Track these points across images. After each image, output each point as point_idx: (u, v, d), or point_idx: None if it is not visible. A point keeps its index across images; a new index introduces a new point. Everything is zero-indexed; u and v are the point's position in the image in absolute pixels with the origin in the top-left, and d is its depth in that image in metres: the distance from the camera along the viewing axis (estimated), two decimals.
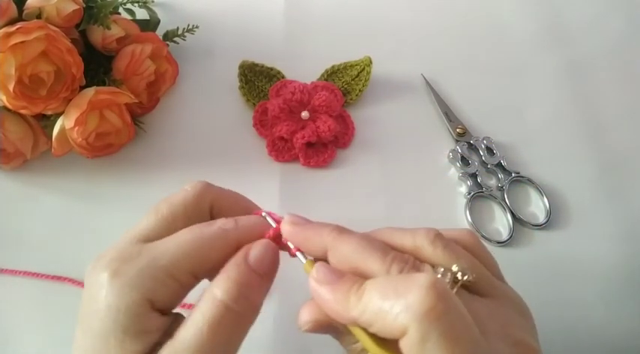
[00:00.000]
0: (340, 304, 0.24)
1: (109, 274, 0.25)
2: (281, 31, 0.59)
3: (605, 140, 0.53)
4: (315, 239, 0.27)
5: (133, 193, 0.48)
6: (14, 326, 0.42)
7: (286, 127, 0.49)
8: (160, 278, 0.25)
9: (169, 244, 0.26)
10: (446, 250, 0.27)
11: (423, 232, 0.27)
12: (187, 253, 0.26)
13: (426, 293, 0.22)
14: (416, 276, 0.23)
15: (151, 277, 0.25)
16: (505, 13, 0.61)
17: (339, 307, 0.24)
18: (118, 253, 0.26)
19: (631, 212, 0.49)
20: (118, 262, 0.25)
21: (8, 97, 0.41)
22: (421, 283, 0.22)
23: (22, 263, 0.44)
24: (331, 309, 0.25)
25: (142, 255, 0.26)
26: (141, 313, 0.24)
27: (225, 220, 0.28)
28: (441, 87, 0.55)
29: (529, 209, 0.49)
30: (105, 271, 0.25)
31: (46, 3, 0.42)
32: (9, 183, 0.48)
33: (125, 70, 0.46)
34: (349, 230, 0.28)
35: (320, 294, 0.25)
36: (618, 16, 0.62)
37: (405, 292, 0.22)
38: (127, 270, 0.25)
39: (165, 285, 0.25)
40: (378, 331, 0.23)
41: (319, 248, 0.27)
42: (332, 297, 0.25)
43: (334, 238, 0.27)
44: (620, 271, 0.46)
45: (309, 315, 0.26)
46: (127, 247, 0.26)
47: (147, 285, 0.25)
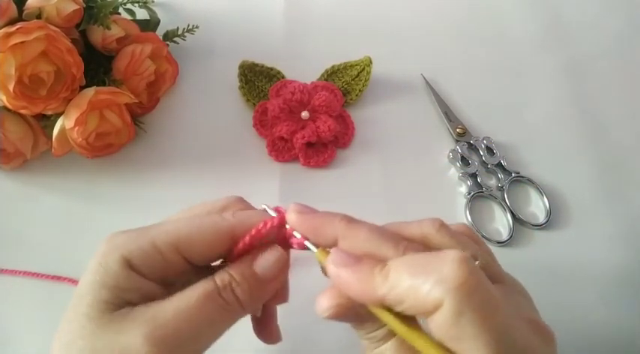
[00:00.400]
0: (366, 284, 0.24)
1: (106, 240, 0.27)
2: (281, 31, 0.59)
3: (605, 140, 0.53)
4: (324, 228, 0.27)
5: (133, 193, 0.48)
6: (14, 326, 0.42)
7: (286, 127, 0.49)
8: (142, 245, 0.26)
9: (168, 222, 0.28)
10: (453, 237, 0.27)
11: (429, 221, 0.28)
12: (177, 230, 0.27)
13: (459, 267, 0.22)
14: (446, 251, 0.23)
15: (134, 243, 0.26)
16: (505, 13, 0.61)
17: (365, 287, 0.24)
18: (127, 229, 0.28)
19: (631, 212, 0.49)
20: (120, 232, 0.27)
21: (8, 97, 0.41)
22: (453, 257, 0.22)
23: (22, 263, 0.44)
24: (356, 290, 0.25)
25: (142, 228, 0.27)
26: (119, 271, 0.26)
27: (230, 210, 0.29)
28: (441, 87, 0.55)
29: (529, 209, 0.49)
30: (105, 239, 0.27)
31: (46, 3, 0.42)
32: (9, 183, 0.48)
33: (125, 70, 0.46)
34: (358, 219, 0.28)
35: (342, 277, 0.25)
36: (618, 16, 0.62)
37: (436, 266, 0.22)
38: (119, 236, 0.27)
39: (146, 252, 0.26)
40: (409, 307, 0.23)
41: (329, 237, 0.27)
42: (356, 278, 0.25)
43: (345, 226, 0.27)
44: (620, 271, 0.46)
45: (330, 300, 0.26)
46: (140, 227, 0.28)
47: (129, 248, 0.26)
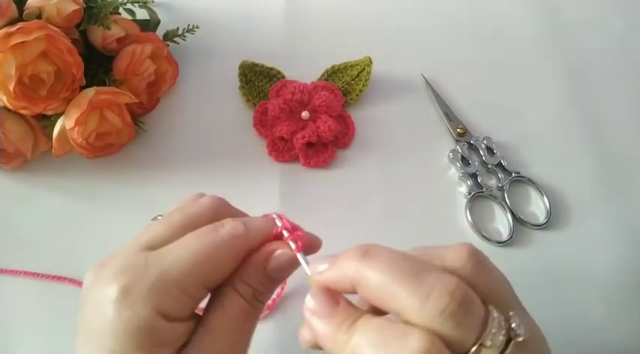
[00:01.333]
0: (329, 340, 0.24)
1: (120, 290, 0.24)
2: (281, 31, 0.59)
3: (605, 140, 0.53)
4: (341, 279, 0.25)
5: (133, 193, 0.48)
6: (14, 326, 0.42)
7: (286, 127, 0.49)
8: (172, 293, 0.24)
9: (178, 254, 0.25)
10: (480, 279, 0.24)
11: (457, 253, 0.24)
12: (198, 265, 0.25)
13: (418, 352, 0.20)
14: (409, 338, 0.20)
15: (163, 292, 0.24)
16: (505, 13, 0.61)
17: (329, 341, 0.24)
18: (123, 264, 0.25)
19: (631, 212, 0.49)
20: (127, 275, 0.24)
21: (8, 97, 0.41)
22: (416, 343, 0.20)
23: (22, 263, 0.44)
24: (321, 339, 0.24)
25: (151, 267, 0.25)
26: (155, 329, 0.24)
27: (232, 222, 0.27)
28: (441, 87, 0.55)
29: (529, 209, 0.49)
30: (112, 285, 0.24)
31: (46, 3, 0.42)
32: (9, 183, 0.48)
33: (125, 70, 0.46)
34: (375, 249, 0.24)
35: (312, 324, 0.25)
36: (618, 16, 0.62)
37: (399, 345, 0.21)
38: (138, 285, 0.24)
39: (178, 299, 0.25)
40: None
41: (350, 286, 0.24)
42: (322, 331, 0.24)
43: (356, 267, 0.23)
44: (620, 271, 0.46)
45: (309, 334, 0.26)
46: (131, 256, 0.25)
47: (159, 300, 0.24)
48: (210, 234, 0.26)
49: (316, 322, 0.24)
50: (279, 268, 0.28)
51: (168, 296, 0.24)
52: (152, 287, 0.24)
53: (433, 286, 0.21)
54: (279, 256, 0.28)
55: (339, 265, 0.25)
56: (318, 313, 0.25)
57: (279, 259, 0.28)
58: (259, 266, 0.27)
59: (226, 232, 0.26)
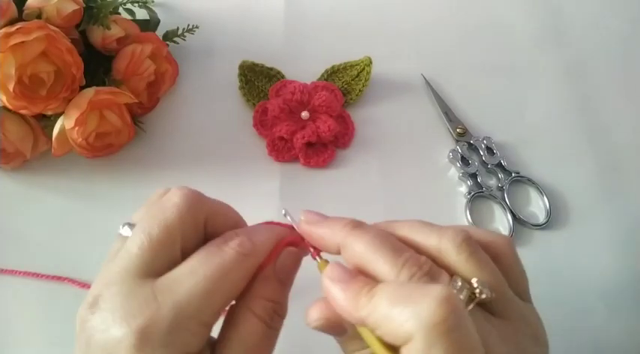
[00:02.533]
0: (350, 303, 0.24)
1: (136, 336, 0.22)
2: (281, 31, 0.59)
3: (605, 140, 0.53)
4: (329, 237, 0.27)
5: (133, 193, 0.48)
6: (14, 326, 0.42)
7: (286, 127, 0.49)
8: (192, 330, 0.23)
9: (190, 285, 0.23)
10: (470, 258, 0.25)
11: (451, 234, 0.26)
12: (212, 294, 0.24)
13: (438, 305, 0.21)
14: (431, 286, 0.22)
15: (184, 332, 0.23)
16: (505, 13, 0.61)
17: (349, 306, 0.24)
18: (128, 301, 0.23)
19: (631, 212, 0.49)
20: (139, 317, 0.22)
21: (8, 97, 0.41)
22: (435, 294, 0.21)
23: (22, 263, 0.44)
24: (341, 307, 0.25)
25: (162, 303, 0.23)
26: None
27: (238, 238, 0.26)
28: (441, 87, 0.55)
29: (529, 209, 0.49)
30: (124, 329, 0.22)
31: (46, 3, 0.42)
32: (9, 183, 0.48)
33: (125, 70, 0.46)
34: (365, 225, 0.27)
35: (332, 292, 0.25)
36: (618, 16, 0.62)
37: (416, 300, 0.21)
38: (155, 327, 0.22)
39: (197, 334, 0.24)
40: (383, 334, 0.23)
41: (334, 246, 0.27)
42: (343, 295, 0.24)
43: (346, 234, 0.26)
44: (620, 271, 0.46)
45: (319, 313, 0.26)
46: (134, 291, 0.23)
47: (180, 340, 0.23)
48: (218, 255, 0.25)
49: (337, 289, 0.25)
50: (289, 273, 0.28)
51: (189, 334, 0.23)
52: (171, 328, 0.22)
53: (406, 259, 0.24)
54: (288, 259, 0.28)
55: (330, 226, 0.27)
56: (340, 279, 0.25)
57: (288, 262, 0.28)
58: (270, 275, 0.27)
59: (234, 252, 0.25)
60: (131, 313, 0.22)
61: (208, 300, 0.24)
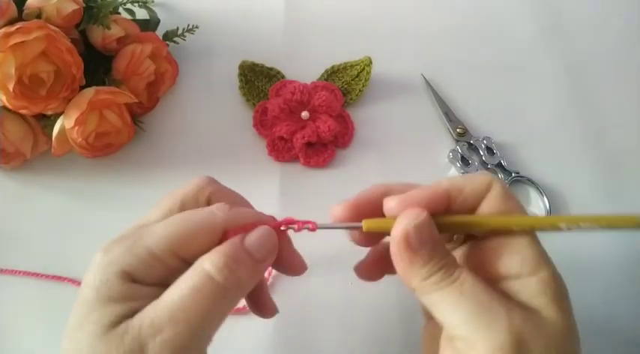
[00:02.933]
0: (433, 186, 0.29)
1: (101, 253, 0.27)
2: (281, 31, 0.59)
3: (605, 140, 0.53)
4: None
5: (133, 193, 0.48)
6: (14, 326, 0.42)
7: (286, 127, 0.49)
8: (140, 256, 0.26)
9: (157, 226, 0.27)
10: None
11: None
12: (171, 234, 0.26)
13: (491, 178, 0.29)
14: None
15: (131, 254, 0.26)
16: (505, 13, 0.61)
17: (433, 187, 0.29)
18: (117, 236, 0.28)
19: (631, 212, 0.49)
20: (112, 242, 0.27)
21: (8, 97, 0.41)
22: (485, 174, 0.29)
23: (21, 263, 0.44)
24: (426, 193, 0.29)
25: (133, 236, 0.27)
26: (119, 284, 0.25)
27: (220, 204, 0.28)
28: (441, 87, 0.55)
29: (529, 209, 0.49)
30: (99, 251, 0.27)
31: (46, 3, 0.42)
32: (9, 183, 0.48)
33: (125, 70, 0.46)
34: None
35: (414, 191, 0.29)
36: (618, 16, 0.62)
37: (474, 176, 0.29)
38: (115, 248, 0.27)
39: (145, 262, 0.26)
40: (470, 191, 0.28)
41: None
42: (426, 188, 0.29)
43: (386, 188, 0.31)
44: (620, 271, 0.46)
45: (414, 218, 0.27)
46: (125, 231, 0.28)
47: (127, 261, 0.26)
48: (192, 211, 0.28)
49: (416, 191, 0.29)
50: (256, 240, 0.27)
51: (136, 258, 0.26)
52: (124, 250, 0.26)
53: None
54: (257, 229, 0.27)
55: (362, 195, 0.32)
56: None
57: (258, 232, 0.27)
58: (236, 238, 0.27)
59: (207, 209, 0.28)
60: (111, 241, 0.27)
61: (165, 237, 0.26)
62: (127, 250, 0.26)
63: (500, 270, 0.27)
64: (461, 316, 0.25)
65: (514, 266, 0.27)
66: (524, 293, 0.26)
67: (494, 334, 0.24)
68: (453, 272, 0.26)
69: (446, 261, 0.27)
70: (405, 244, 0.26)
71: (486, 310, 0.25)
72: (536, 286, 0.26)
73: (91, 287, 0.26)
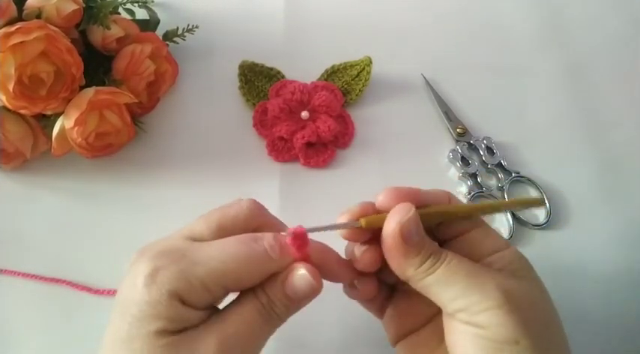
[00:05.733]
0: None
1: (151, 269, 0.26)
2: (281, 31, 0.59)
3: (605, 140, 0.53)
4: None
5: (133, 193, 0.48)
6: (14, 327, 0.42)
7: (286, 127, 0.49)
8: (194, 285, 0.26)
9: (213, 254, 0.28)
10: None
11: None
12: (226, 269, 0.27)
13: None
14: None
15: (185, 283, 0.26)
16: (505, 13, 0.61)
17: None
18: (165, 248, 0.28)
19: (631, 212, 0.49)
20: (162, 257, 0.27)
21: (8, 97, 0.41)
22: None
23: (22, 263, 0.44)
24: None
25: (186, 257, 0.27)
26: (173, 306, 0.26)
27: (272, 239, 0.29)
28: (441, 87, 0.55)
29: (529, 209, 0.49)
30: (148, 264, 0.27)
31: (46, 3, 0.42)
32: (9, 183, 0.48)
33: (125, 70, 0.46)
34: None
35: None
36: (618, 16, 0.62)
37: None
38: (167, 269, 0.26)
39: (197, 292, 0.27)
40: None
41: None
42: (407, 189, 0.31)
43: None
44: (621, 271, 0.46)
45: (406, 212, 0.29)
46: (174, 243, 0.28)
47: (180, 287, 0.26)
48: (249, 245, 0.28)
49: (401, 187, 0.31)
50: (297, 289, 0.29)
51: (189, 287, 0.26)
52: (178, 275, 0.26)
53: None
54: (298, 278, 0.29)
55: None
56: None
57: (297, 281, 0.29)
58: (278, 283, 0.29)
59: (263, 249, 0.28)
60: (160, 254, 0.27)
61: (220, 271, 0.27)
62: (179, 274, 0.26)
63: (481, 250, 0.31)
64: (456, 289, 0.28)
65: (491, 245, 0.31)
66: (502, 262, 0.30)
67: (486, 293, 0.27)
68: (440, 255, 0.29)
69: (433, 248, 0.30)
70: (400, 237, 0.29)
71: (475, 277, 0.28)
72: (510, 256, 0.30)
73: (141, 303, 0.26)
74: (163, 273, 0.26)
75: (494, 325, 0.27)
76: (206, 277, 0.27)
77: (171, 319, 0.26)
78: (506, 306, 0.27)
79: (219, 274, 0.27)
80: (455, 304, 0.28)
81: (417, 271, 0.29)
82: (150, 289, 0.26)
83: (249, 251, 0.28)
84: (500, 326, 0.27)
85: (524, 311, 0.27)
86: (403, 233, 0.29)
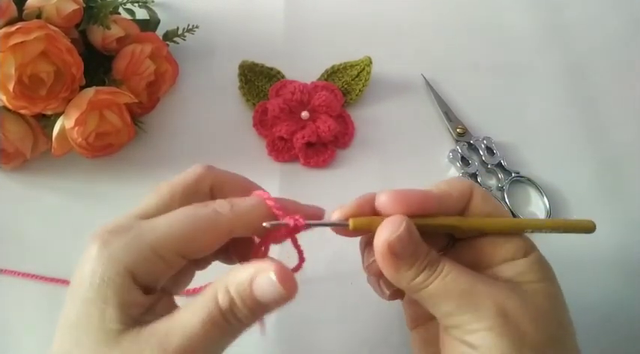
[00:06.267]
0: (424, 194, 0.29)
1: (99, 244, 0.25)
2: (281, 31, 0.59)
3: (605, 140, 0.53)
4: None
5: (133, 193, 0.47)
6: (14, 327, 0.42)
7: (286, 127, 0.49)
8: (144, 253, 0.25)
9: (161, 222, 0.26)
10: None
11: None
12: (175, 233, 0.26)
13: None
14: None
15: (135, 251, 0.25)
16: (505, 13, 0.61)
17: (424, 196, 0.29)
18: (113, 226, 0.27)
19: (631, 212, 0.49)
20: (110, 233, 0.26)
21: (8, 97, 0.41)
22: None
23: (22, 263, 0.44)
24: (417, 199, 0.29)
25: (133, 229, 0.26)
26: (123, 285, 0.25)
27: (222, 201, 0.28)
28: (441, 87, 0.55)
29: (529, 209, 0.49)
30: (96, 242, 0.26)
31: (46, 3, 0.42)
32: (9, 183, 0.48)
33: (125, 70, 0.46)
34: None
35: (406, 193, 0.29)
36: (618, 16, 0.62)
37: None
38: (115, 242, 0.25)
39: (149, 261, 0.25)
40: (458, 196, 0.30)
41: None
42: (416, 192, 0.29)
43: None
44: (621, 271, 0.46)
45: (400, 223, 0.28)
46: (123, 221, 0.27)
47: (130, 258, 0.25)
48: (196, 208, 0.27)
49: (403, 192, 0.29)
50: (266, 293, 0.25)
51: (140, 256, 0.25)
52: (127, 245, 0.25)
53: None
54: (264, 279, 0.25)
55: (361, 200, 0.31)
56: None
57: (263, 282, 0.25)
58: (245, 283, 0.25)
59: (211, 208, 0.27)
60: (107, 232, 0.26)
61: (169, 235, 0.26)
62: (128, 246, 0.25)
63: (492, 258, 0.29)
64: (450, 306, 0.27)
65: (504, 253, 0.29)
66: (512, 272, 0.29)
67: (480, 312, 0.26)
68: (437, 267, 0.28)
69: (429, 259, 0.28)
70: (389, 253, 0.27)
71: (470, 293, 0.27)
72: (523, 265, 0.29)
73: (90, 284, 0.24)
74: (110, 247, 0.25)
75: (486, 346, 0.26)
76: (156, 243, 0.25)
77: (121, 305, 0.24)
78: (500, 328, 0.26)
79: (171, 238, 0.26)
80: (448, 321, 0.27)
81: (412, 284, 0.28)
82: (97, 267, 0.24)
83: (197, 214, 0.27)
84: (493, 348, 0.26)
85: (524, 329, 0.26)
86: (392, 249, 0.27)
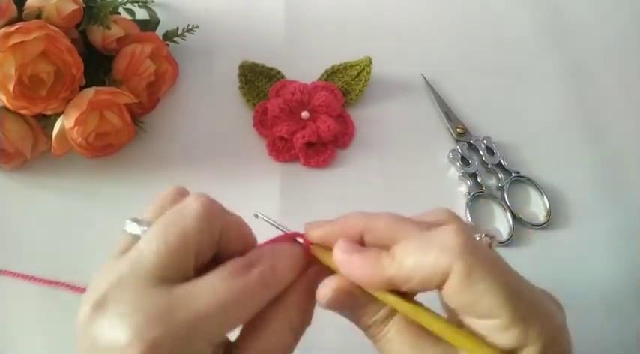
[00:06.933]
0: (374, 267, 0.25)
1: (145, 346, 0.21)
2: (281, 31, 0.59)
3: (605, 140, 0.53)
4: (348, 231, 0.27)
5: (133, 193, 0.48)
6: (14, 327, 0.42)
7: (286, 127, 0.49)
8: (201, 348, 0.23)
9: (208, 302, 0.23)
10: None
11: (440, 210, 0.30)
12: (229, 316, 0.23)
13: (456, 232, 0.24)
14: (442, 227, 0.25)
15: (193, 348, 0.22)
16: (505, 13, 0.61)
17: (373, 270, 0.25)
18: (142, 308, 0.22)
19: (631, 212, 0.49)
20: (153, 327, 0.21)
21: (8, 97, 0.41)
22: (449, 228, 0.24)
23: (21, 263, 0.44)
24: (362, 274, 0.25)
25: (178, 317, 0.22)
26: None
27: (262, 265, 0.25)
28: (441, 87, 0.55)
29: (529, 209, 0.49)
30: (135, 337, 0.21)
31: (46, 3, 0.42)
32: (9, 183, 0.48)
33: (125, 70, 0.46)
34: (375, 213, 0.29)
35: (350, 261, 0.26)
36: (618, 16, 0.62)
37: (437, 239, 0.24)
38: (166, 340, 0.21)
39: (203, 352, 0.23)
40: (419, 282, 0.24)
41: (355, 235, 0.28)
42: (364, 262, 0.25)
43: (366, 220, 0.27)
44: (620, 271, 0.46)
45: (333, 284, 0.26)
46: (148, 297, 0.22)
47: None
48: (241, 279, 0.24)
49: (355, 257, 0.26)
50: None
51: (196, 351, 0.23)
52: (182, 344, 0.22)
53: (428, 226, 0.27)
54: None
55: (343, 221, 0.28)
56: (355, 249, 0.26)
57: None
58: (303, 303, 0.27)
59: (257, 280, 0.24)
60: (144, 322, 0.21)
61: (224, 321, 0.23)
62: (183, 344, 0.22)
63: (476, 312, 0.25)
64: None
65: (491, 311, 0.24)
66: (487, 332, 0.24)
67: None
68: (381, 331, 0.26)
69: (374, 319, 0.26)
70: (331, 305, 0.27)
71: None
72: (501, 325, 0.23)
73: None
74: (162, 346, 0.21)
75: None
76: (212, 332, 0.23)
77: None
78: None
79: (223, 323, 0.23)
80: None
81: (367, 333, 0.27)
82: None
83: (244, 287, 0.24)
84: None
85: None
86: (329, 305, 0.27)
